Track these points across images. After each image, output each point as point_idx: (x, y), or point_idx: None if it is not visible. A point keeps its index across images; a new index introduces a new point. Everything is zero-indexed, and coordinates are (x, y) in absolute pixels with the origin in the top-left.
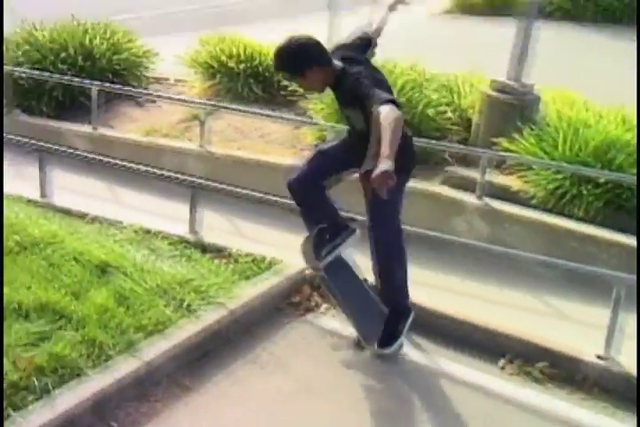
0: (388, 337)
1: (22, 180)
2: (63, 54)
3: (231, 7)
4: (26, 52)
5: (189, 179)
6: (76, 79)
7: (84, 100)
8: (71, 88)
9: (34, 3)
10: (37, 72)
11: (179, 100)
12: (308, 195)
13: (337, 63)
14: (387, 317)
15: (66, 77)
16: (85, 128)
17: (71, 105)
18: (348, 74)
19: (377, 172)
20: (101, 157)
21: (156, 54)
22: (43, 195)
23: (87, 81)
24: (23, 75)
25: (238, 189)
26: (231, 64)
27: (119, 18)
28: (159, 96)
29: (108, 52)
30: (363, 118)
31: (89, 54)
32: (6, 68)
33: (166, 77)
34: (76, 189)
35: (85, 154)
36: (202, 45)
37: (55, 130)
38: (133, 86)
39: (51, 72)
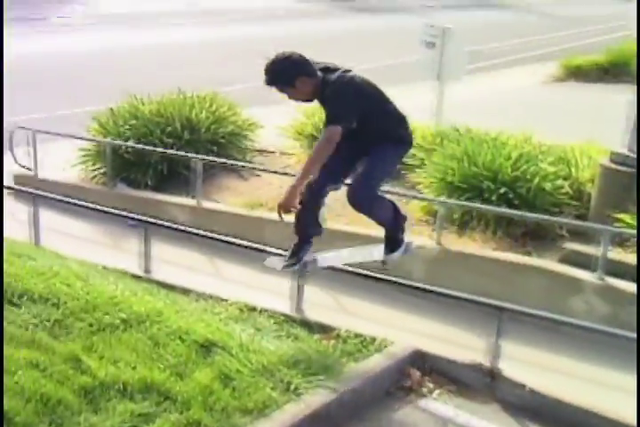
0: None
1: (124, 253)
2: (168, 128)
3: None
4: (132, 126)
5: None
6: (181, 153)
7: (186, 173)
8: (174, 160)
9: (144, 77)
10: (142, 146)
11: (283, 173)
12: (320, 201)
13: (319, 73)
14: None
15: (170, 151)
16: (188, 201)
17: (174, 177)
18: (327, 83)
19: (279, 202)
20: (204, 231)
21: (261, 127)
22: (146, 270)
23: (191, 155)
24: (129, 149)
25: (346, 267)
26: None
27: (226, 89)
28: (263, 169)
29: (212, 125)
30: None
31: (193, 127)
32: (112, 141)
33: (270, 150)
34: (178, 263)
35: (189, 229)
36: (306, 117)
37: (157, 202)
38: (236, 158)
39: (155, 145)
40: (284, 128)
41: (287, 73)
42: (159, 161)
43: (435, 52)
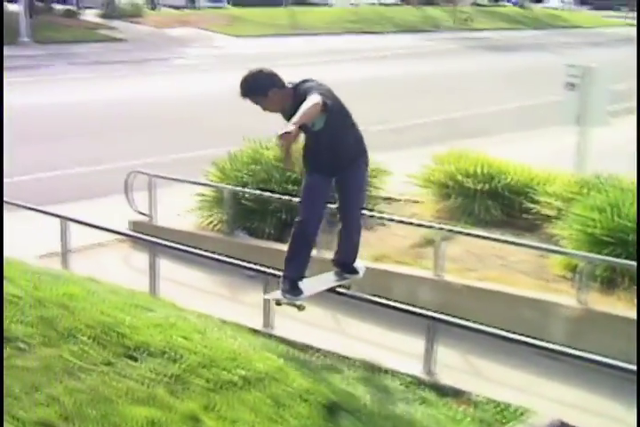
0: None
1: (242, 305)
2: (289, 173)
3: (464, 119)
4: (252, 171)
5: (425, 312)
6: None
7: None
8: (296, 208)
9: (267, 119)
10: (263, 192)
11: (410, 223)
12: (317, 231)
13: (289, 84)
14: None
15: (291, 198)
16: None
17: None
18: (300, 89)
19: (280, 132)
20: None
21: (389, 174)
22: (265, 324)
23: None
24: (247, 195)
25: (481, 327)
26: (467, 183)
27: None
28: (391, 219)
29: None
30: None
31: None
32: (231, 187)
33: (397, 198)
34: (297, 317)
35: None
36: (435, 163)
37: (278, 253)
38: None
39: (275, 192)
40: (411, 175)
41: (260, 85)
42: (280, 209)
43: (576, 93)
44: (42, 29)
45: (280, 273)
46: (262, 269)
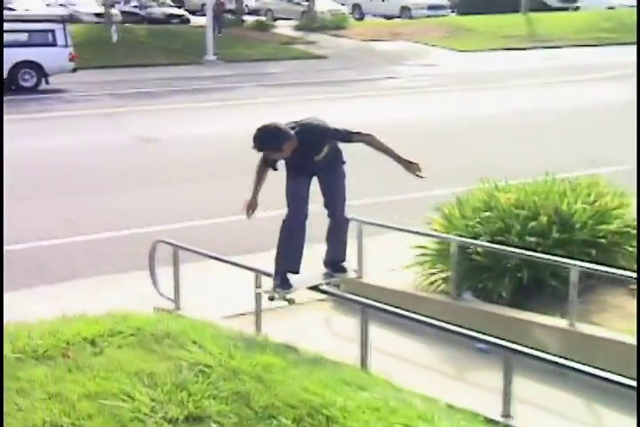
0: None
1: (472, 386)
2: (532, 223)
3: None
4: (485, 219)
5: None
6: (548, 256)
7: (554, 283)
8: (538, 266)
9: (496, 153)
10: (497, 246)
11: None
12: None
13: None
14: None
15: (533, 253)
16: (557, 321)
17: (537, 288)
18: (304, 131)
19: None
20: (580, 365)
21: None
22: (505, 413)
23: (563, 259)
24: (479, 249)
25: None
26: None
27: (608, 170)
28: None
29: (590, 220)
30: (327, 151)
31: (565, 223)
32: (459, 239)
33: None
34: (541, 404)
35: (559, 360)
36: None
37: (515, 321)
38: (623, 267)
39: (514, 246)
40: None
41: (277, 140)
42: (518, 266)
43: None
44: (230, 46)
45: (525, 349)
46: (497, 341)
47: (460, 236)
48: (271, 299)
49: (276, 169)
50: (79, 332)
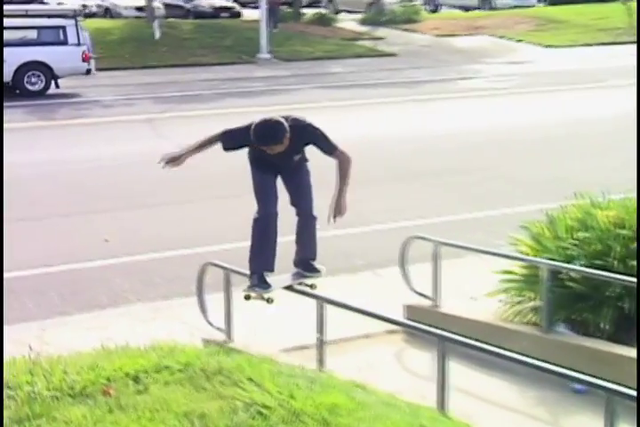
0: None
1: None
2: (633, 245)
3: None
4: (581, 240)
5: None
6: None
7: None
8: None
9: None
10: (596, 271)
11: None
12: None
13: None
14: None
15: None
16: None
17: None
18: (297, 128)
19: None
20: None
21: None
22: None
23: None
24: (574, 274)
25: None
26: None
27: None
28: None
29: None
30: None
31: None
32: (551, 263)
33: None
34: None
35: None
36: None
37: (616, 358)
38: None
39: (615, 271)
40: None
41: (280, 134)
42: (620, 294)
43: None
44: (286, 42)
45: (629, 391)
46: (596, 381)
47: (552, 259)
48: (247, 298)
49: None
50: (121, 367)
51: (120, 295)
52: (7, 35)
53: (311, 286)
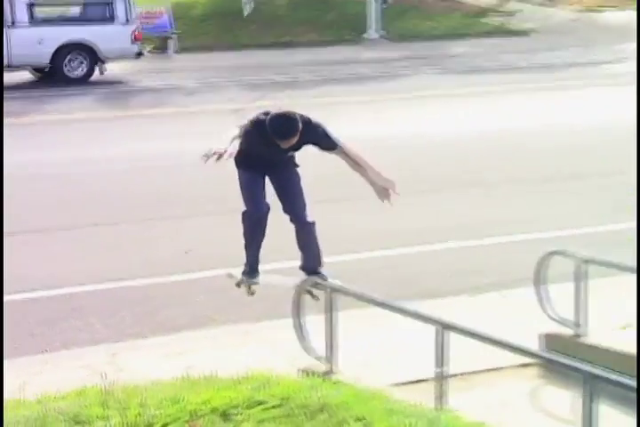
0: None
1: None
2: None
3: None
4: None
5: None
6: None
7: None
8: None
9: None
10: None
11: None
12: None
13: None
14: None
15: None
16: None
17: None
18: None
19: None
20: None
21: None
22: None
23: None
24: None
25: None
26: None
27: None
28: None
29: None
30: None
31: None
32: None
33: None
34: None
35: None
36: None
37: None
38: None
39: None
40: None
41: (297, 126)
42: None
43: None
44: (399, 18)
45: None
46: None
47: None
48: (237, 285)
49: None
50: (207, 400)
51: (202, 315)
52: (44, 11)
53: (311, 294)
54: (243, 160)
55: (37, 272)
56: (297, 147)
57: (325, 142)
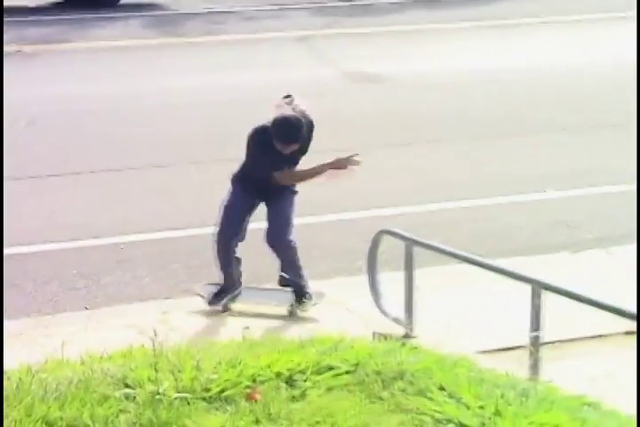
0: None
1: None
2: None
3: None
4: None
5: None
6: None
7: None
8: None
9: None
10: None
11: None
12: (233, 246)
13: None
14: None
15: None
16: None
17: None
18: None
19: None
20: None
21: None
22: None
23: None
24: None
25: None
26: None
27: None
28: None
29: None
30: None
31: None
32: None
33: None
34: None
35: None
36: None
37: None
38: None
39: None
40: None
41: (301, 130)
42: None
43: None
44: None
45: None
46: None
47: None
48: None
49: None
50: (270, 364)
51: (265, 270)
52: None
53: (291, 313)
54: (240, 179)
55: (79, 219)
56: (299, 154)
57: (307, 144)
